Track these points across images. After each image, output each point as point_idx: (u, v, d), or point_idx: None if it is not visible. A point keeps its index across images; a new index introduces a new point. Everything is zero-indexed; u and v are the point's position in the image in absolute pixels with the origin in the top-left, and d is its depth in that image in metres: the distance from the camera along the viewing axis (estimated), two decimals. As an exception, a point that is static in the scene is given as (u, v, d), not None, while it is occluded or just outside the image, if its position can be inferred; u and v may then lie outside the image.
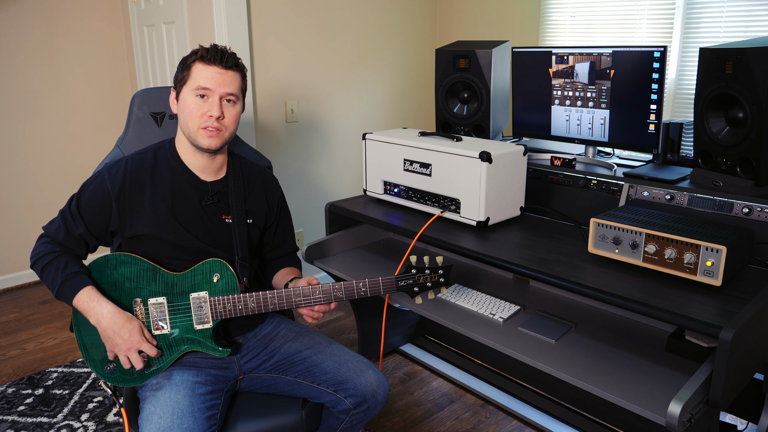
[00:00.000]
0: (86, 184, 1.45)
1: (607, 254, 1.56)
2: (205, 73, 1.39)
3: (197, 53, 1.40)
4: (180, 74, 1.43)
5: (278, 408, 1.46)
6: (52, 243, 1.42)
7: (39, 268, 1.40)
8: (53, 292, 1.37)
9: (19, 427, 2.07)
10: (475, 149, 1.78)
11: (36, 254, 1.41)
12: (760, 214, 1.54)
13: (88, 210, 1.43)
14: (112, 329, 1.33)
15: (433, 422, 2.13)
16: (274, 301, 1.42)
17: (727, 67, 1.58)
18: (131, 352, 1.34)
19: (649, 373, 1.39)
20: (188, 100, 1.40)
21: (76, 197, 1.44)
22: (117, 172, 1.44)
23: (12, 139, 3.16)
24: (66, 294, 1.35)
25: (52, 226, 1.45)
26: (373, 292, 1.44)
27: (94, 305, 1.34)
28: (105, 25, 3.35)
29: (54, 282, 1.36)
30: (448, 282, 1.49)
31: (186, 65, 1.42)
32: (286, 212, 1.68)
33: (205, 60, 1.39)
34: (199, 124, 1.40)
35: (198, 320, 1.41)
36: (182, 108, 1.42)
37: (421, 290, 1.48)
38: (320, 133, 3.03)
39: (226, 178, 1.52)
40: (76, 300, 1.35)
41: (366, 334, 2.47)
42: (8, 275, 3.29)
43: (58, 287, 1.36)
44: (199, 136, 1.41)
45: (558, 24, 2.79)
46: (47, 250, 1.40)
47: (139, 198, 1.42)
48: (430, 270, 1.48)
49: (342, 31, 3.00)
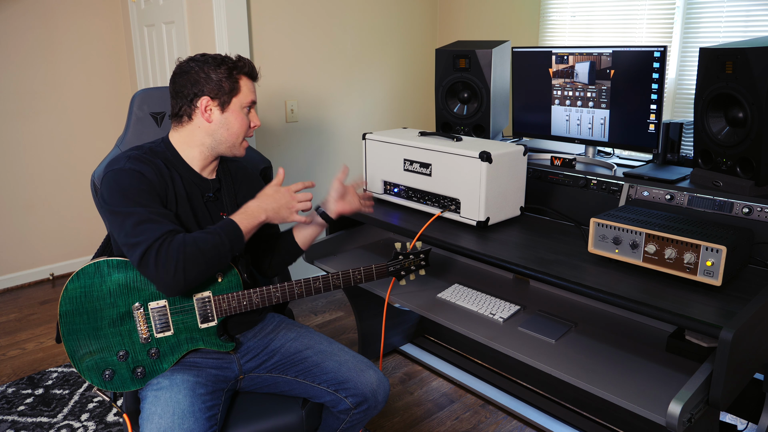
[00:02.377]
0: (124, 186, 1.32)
1: (607, 254, 1.56)
2: (251, 87, 1.47)
3: (238, 66, 1.43)
4: (223, 85, 1.40)
5: (278, 408, 1.46)
6: (170, 235, 1.28)
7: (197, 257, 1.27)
8: (227, 248, 1.32)
9: (19, 427, 2.07)
10: (475, 149, 1.78)
11: (177, 256, 1.25)
12: (760, 214, 1.54)
13: (153, 199, 1.33)
14: (279, 208, 1.43)
15: (433, 422, 2.13)
16: (277, 294, 1.45)
17: (727, 67, 1.58)
18: (297, 205, 1.45)
19: (649, 373, 1.39)
20: (240, 114, 1.45)
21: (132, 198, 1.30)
22: (144, 163, 1.37)
23: (12, 139, 3.16)
24: (233, 234, 1.34)
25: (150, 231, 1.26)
26: (368, 278, 1.58)
27: (248, 212, 1.40)
28: (105, 25, 3.35)
29: (218, 239, 1.31)
30: (428, 263, 1.69)
31: (233, 78, 1.41)
32: None
33: (249, 75, 1.46)
34: (245, 135, 1.48)
35: (202, 319, 1.41)
36: (230, 121, 1.44)
37: (407, 273, 1.67)
38: (320, 133, 3.03)
39: (218, 177, 1.54)
40: (241, 224, 1.37)
41: (366, 334, 2.47)
42: (8, 275, 3.29)
43: (226, 238, 1.32)
44: (242, 147, 1.49)
45: (558, 24, 2.79)
46: (179, 240, 1.27)
47: (165, 190, 1.39)
48: (413, 255, 1.67)
49: (342, 31, 3.00)
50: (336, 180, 1.63)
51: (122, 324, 1.37)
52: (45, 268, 3.42)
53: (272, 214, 1.43)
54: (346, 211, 1.65)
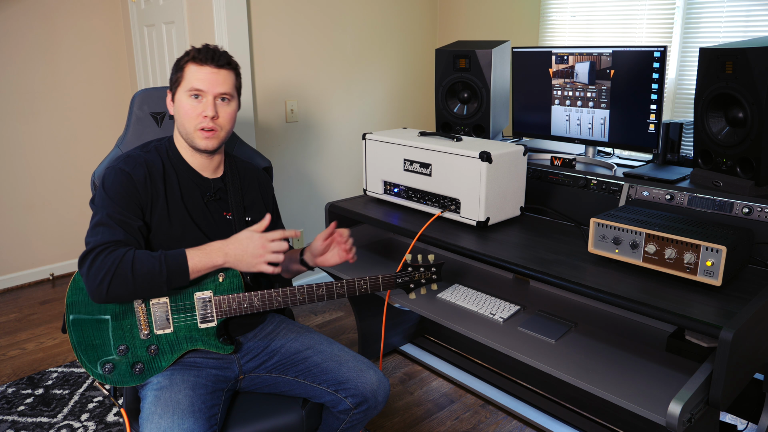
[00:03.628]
0: (108, 185, 1.37)
1: (607, 254, 1.56)
2: (198, 74, 1.40)
3: (189, 54, 1.42)
4: (174, 76, 1.44)
5: (278, 408, 1.46)
6: (116, 247, 1.28)
7: (125, 276, 1.25)
8: (162, 279, 1.28)
9: (19, 427, 2.07)
10: (475, 149, 1.78)
11: (107, 268, 1.24)
12: (760, 214, 1.54)
13: (128, 204, 1.36)
14: (242, 255, 1.35)
15: (433, 422, 2.13)
16: (279, 298, 1.44)
17: (727, 67, 1.58)
18: (266, 256, 1.35)
19: (649, 373, 1.39)
20: (183, 102, 1.42)
21: (107, 199, 1.35)
22: (136, 165, 1.40)
23: (12, 139, 3.16)
24: (177, 268, 1.29)
25: (101, 235, 1.30)
26: (374, 289, 1.52)
27: (208, 250, 1.34)
28: (105, 25, 3.35)
29: (155, 268, 1.28)
30: (440, 278, 1.62)
31: (179, 67, 1.43)
32: (278, 211, 1.72)
33: (197, 60, 1.40)
34: (195, 125, 1.41)
35: (202, 319, 1.41)
36: (178, 109, 1.44)
37: (416, 286, 1.60)
38: (320, 133, 3.03)
39: (224, 176, 1.53)
40: (191, 262, 1.31)
41: (366, 334, 2.47)
42: (8, 275, 3.29)
43: (165, 269, 1.28)
44: (195, 138, 1.42)
45: (558, 24, 2.79)
46: (119, 255, 1.27)
47: (156, 192, 1.41)
48: (424, 268, 1.60)
49: (342, 31, 3.00)
50: (319, 237, 1.54)
51: (124, 318, 1.38)
52: (45, 268, 3.42)
53: (233, 260, 1.35)
54: (328, 265, 1.57)
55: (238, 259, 1.36)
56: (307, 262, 1.59)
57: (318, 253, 1.55)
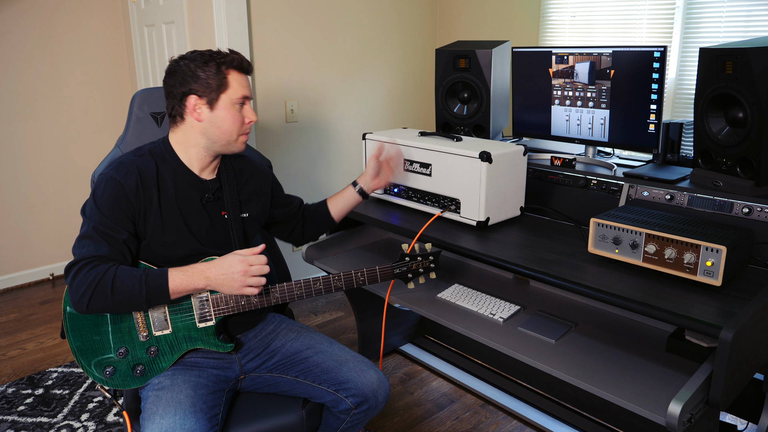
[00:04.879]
0: (98, 194, 1.36)
1: (607, 254, 1.56)
2: (242, 81, 1.42)
3: (226, 61, 1.39)
4: (214, 81, 1.38)
5: (279, 408, 1.46)
6: (99, 262, 1.29)
7: (104, 293, 1.26)
8: (141, 298, 1.28)
9: (19, 427, 2.07)
10: (475, 149, 1.78)
11: (88, 284, 1.26)
12: (760, 214, 1.54)
13: (116, 215, 1.34)
14: (223, 279, 1.33)
15: (433, 422, 2.13)
16: (276, 294, 1.45)
17: (727, 67, 1.58)
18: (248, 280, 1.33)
19: (649, 373, 1.39)
20: (231, 110, 1.40)
21: (96, 210, 1.34)
22: (127, 173, 1.37)
23: (12, 139, 3.16)
24: (157, 288, 1.29)
25: (84, 249, 1.31)
26: (371, 280, 1.54)
27: (191, 272, 1.33)
28: (105, 25, 3.35)
29: (135, 288, 1.28)
30: (437, 266, 1.64)
31: (221, 73, 1.38)
32: (280, 186, 1.70)
33: (240, 69, 1.41)
34: (240, 131, 1.44)
35: (200, 318, 1.41)
36: (222, 117, 1.40)
37: (414, 276, 1.62)
38: (320, 133, 3.03)
39: (218, 175, 1.52)
40: (172, 284, 1.30)
41: (366, 334, 2.47)
42: (8, 275, 3.29)
43: (145, 289, 1.28)
44: (238, 143, 1.45)
45: (558, 24, 2.79)
46: (101, 271, 1.27)
47: (149, 199, 1.39)
48: (421, 257, 1.61)
49: (342, 31, 3.00)
50: (372, 158, 1.74)
51: (122, 321, 1.38)
52: (45, 268, 3.42)
53: (214, 283, 1.34)
54: (381, 186, 1.79)
55: (219, 284, 1.34)
56: (366, 191, 1.70)
57: (374, 175, 1.70)
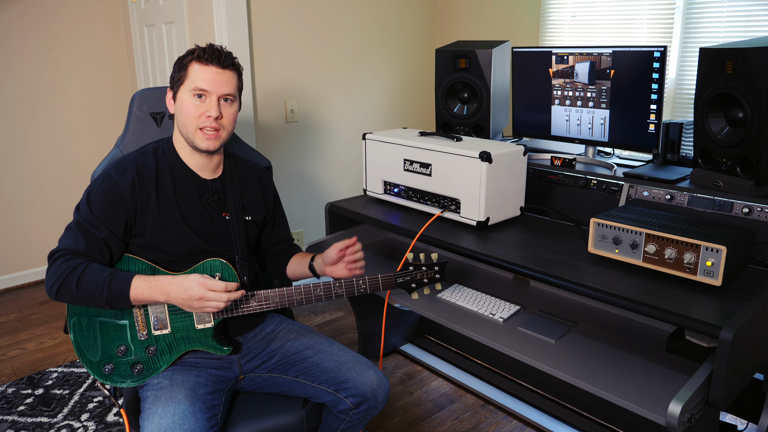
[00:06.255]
0: (93, 189, 1.39)
1: (607, 254, 1.56)
2: (202, 73, 1.38)
3: (194, 53, 1.39)
4: (176, 74, 1.41)
5: (278, 408, 1.46)
6: (73, 257, 1.32)
7: (70, 287, 1.29)
8: (102, 299, 1.29)
9: (19, 427, 2.07)
10: (475, 149, 1.78)
11: (58, 275, 1.29)
12: (760, 214, 1.54)
13: (104, 212, 1.36)
14: (182, 299, 1.31)
15: (433, 422, 2.13)
16: (276, 299, 1.43)
17: (727, 67, 1.58)
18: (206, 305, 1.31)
19: (649, 373, 1.39)
20: (186, 101, 1.39)
21: (86, 204, 1.37)
22: (125, 171, 1.39)
23: (12, 139, 3.16)
24: (118, 293, 1.29)
25: (66, 240, 1.35)
26: (373, 289, 1.49)
27: (154, 284, 1.32)
28: (105, 26, 3.35)
29: (97, 289, 1.28)
30: (443, 277, 1.56)
31: (182, 65, 1.40)
32: (281, 208, 1.70)
33: (202, 60, 1.38)
34: (197, 124, 1.39)
35: (199, 320, 1.41)
36: (179, 108, 1.41)
37: (418, 286, 1.55)
38: (320, 133, 3.03)
39: (223, 176, 1.52)
40: (133, 292, 1.30)
41: (366, 334, 2.47)
42: (8, 275, 3.29)
43: (106, 291, 1.29)
44: (197, 138, 1.40)
45: (558, 24, 2.79)
46: (71, 266, 1.30)
47: (147, 197, 1.40)
48: (426, 267, 1.55)
49: (342, 31, 3.00)
50: (335, 247, 1.49)
51: (122, 319, 1.38)
52: (45, 268, 3.40)
53: (174, 300, 1.33)
54: (335, 276, 1.52)
55: (179, 302, 1.33)
56: (316, 270, 1.56)
57: (330, 261, 1.51)
